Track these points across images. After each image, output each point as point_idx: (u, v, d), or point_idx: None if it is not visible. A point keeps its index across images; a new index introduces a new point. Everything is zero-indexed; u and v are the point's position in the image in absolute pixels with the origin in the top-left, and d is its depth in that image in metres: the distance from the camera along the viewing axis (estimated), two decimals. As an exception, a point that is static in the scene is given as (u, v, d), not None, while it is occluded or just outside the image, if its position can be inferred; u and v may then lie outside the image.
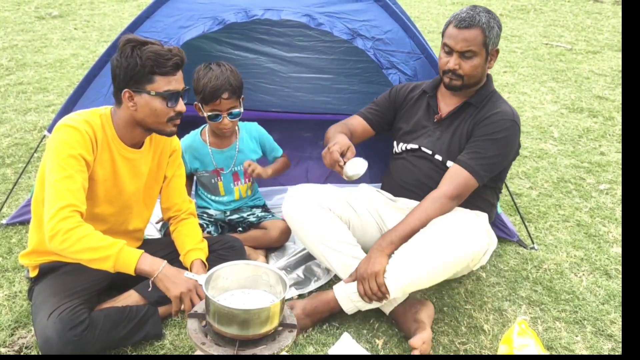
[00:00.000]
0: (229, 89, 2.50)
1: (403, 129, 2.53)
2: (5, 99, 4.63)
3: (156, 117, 2.04)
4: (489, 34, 2.27)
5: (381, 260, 2.14)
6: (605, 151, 4.00)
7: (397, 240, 2.19)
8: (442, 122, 2.44)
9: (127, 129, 2.10)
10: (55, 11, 7.69)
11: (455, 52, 2.29)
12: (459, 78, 2.33)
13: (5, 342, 2.13)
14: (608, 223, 3.10)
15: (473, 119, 2.37)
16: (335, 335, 2.22)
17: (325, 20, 2.76)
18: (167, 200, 2.35)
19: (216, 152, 2.70)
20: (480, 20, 2.26)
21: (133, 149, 2.15)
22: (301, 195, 2.37)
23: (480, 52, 2.29)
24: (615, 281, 2.62)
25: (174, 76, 2.02)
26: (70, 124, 1.99)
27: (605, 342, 2.25)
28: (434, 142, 2.42)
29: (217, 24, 2.74)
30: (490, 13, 2.32)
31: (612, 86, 5.38)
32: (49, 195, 1.93)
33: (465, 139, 2.36)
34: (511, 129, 2.31)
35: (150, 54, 1.96)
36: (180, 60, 2.02)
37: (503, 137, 2.30)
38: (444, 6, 8.76)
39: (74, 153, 1.96)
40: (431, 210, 2.22)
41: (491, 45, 2.31)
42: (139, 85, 2.00)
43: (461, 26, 2.26)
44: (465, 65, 2.30)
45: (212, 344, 1.67)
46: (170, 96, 2.02)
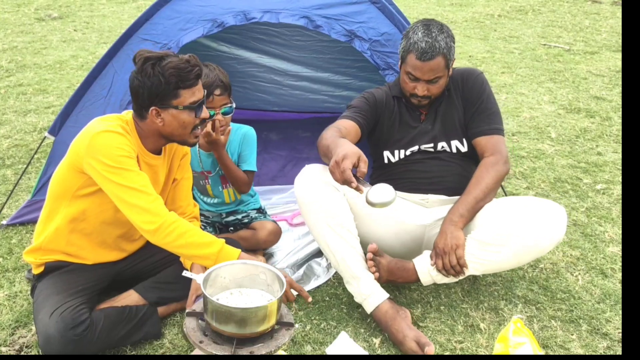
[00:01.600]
0: (220, 86, 2.51)
1: (395, 137, 2.53)
2: (5, 101, 4.65)
3: (183, 129, 2.06)
4: (449, 55, 2.36)
5: (458, 234, 2.23)
6: (602, 151, 4.02)
7: (466, 213, 2.28)
8: (428, 116, 2.51)
9: (151, 139, 2.11)
10: (54, 13, 7.71)
11: (422, 80, 2.37)
12: (427, 99, 2.43)
13: (6, 342, 2.15)
14: (604, 223, 3.12)
15: (455, 91, 2.49)
16: (333, 334, 2.24)
17: (323, 23, 2.79)
18: (173, 202, 2.34)
19: (203, 155, 2.72)
20: (440, 47, 2.31)
21: (155, 155, 2.17)
22: (313, 174, 2.33)
23: (444, 74, 2.39)
24: (611, 280, 2.64)
25: (196, 87, 2.03)
26: (111, 130, 1.97)
27: (600, 341, 2.27)
28: (431, 136, 2.49)
29: (216, 27, 2.77)
30: (444, 32, 2.36)
31: (609, 87, 5.40)
32: (130, 198, 1.93)
33: (460, 108, 2.48)
34: (484, 78, 2.50)
35: (172, 70, 1.95)
36: (200, 70, 2.03)
37: (488, 88, 2.48)
38: (442, 7, 8.78)
39: (127, 154, 1.97)
40: (489, 179, 2.33)
41: (451, 61, 2.40)
42: (164, 101, 2.00)
43: (425, 59, 2.31)
44: (433, 89, 2.40)
45: (210, 343, 1.69)
46: (197, 107, 2.05)
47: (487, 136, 2.42)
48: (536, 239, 2.21)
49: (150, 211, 1.93)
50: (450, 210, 2.32)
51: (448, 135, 2.49)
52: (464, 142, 2.50)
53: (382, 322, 2.23)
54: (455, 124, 2.49)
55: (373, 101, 2.54)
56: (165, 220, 1.94)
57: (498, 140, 2.42)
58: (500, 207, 2.32)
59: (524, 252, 2.23)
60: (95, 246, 2.19)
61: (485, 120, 2.44)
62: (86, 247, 2.17)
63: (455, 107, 2.49)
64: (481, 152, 2.43)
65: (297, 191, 2.34)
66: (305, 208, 2.31)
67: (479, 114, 2.45)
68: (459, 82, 2.49)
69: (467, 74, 2.49)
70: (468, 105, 2.47)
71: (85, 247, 2.17)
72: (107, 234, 2.18)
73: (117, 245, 2.25)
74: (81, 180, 2.02)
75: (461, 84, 2.49)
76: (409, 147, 2.51)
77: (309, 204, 2.29)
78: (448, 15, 8.29)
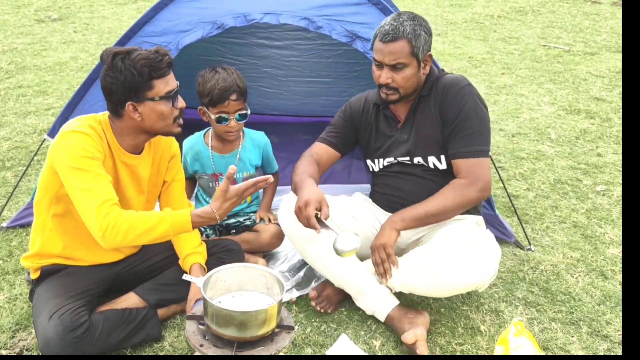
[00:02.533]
0: (237, 91, 2.52)
1: (372, 146, 2.48)
2: (5, 102, 4.65)
3: (164, 120, 2.05)
4: (416, 42, 2.22)
5: (390, 233, 2.22)
6: (602, 152, 4.02)
7: (408, 219, 2.24)
8: (405, 125, 2.40)
9: (129, 137, 2.10)
10: (54, 14, 7.71)
11: (385, 65, 2.26)
12: (394, 92, 2.29)
13: (6, 345, 2.15)
14: (604, 224, 3.12)
15: (434, 104, 2.31)
16: (333, 336, 2.24)
17: (324, 24, 2.78)
18: (166, 204, 2.35)
19: (217, 157, 2.72)
20: (404, 30, 2.20)
21: (133, 155, 2.15)
22: (292, 205, 2.34)
23: (410, 63, 2.24)
24: (612, 282, 2.64)
25: (168, 76, 2.03)
26: (77, 130, 1.97)
27: (601, 343, 2.27)
28: (407, 148, 2.37)
29: (217, 29, 2.77)
30: (416, 19, 2.26)
31: (609, 87, 5.41)
32: (81, 201, 1.91)
33: (438, 124, 2.30)
34: (469, 91, 2.28)
35: (143, 61, 1.95)
36: (170, 58, 2.03)
37: (470, 103, 2.26)
38: (442, 8, 8.78)
39: (89, 155, 1.95)
40: (451, 200, 2.23)
41: (421, 53, 2.24)
42: (139, 94, 1.99)
43: (386, 40, 2.22)
44: (397, 77, 2.26)
45: (211, 346, 1.69)
46: (172, 96, 2.04)
47: (463, 159, 2.25)
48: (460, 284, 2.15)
49: (95, 217, 1.89)
50: (396, 212, 2.29)
51: (424, 150, 2.35)
52: (441, 159, 2.33)
53: (395, 328, 2.25)
54: (431, 138, 2.33)
55: (349, 113, 2.51)
56: (108, 223, 1.89)
57: (475, 163, 2.23)
58: (441, 236, 2.23)
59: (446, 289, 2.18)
60: (90, 247, 2.18)
61: (461, 141, 2.25)
62: (81, 248, 2.17)
63: (433, 120, 2.32)
64: (456, 175, 2.28)
65: (281, 225, 2.43)
66: (292, 239, 2.39)
67: (455, 133, 2.26)
68: (440, 92, 2.31)
69: (449, 85, 2.30)
70: (446, 122, 2.29)
71: (80, 248, 2.17)
72: None
73: None
74: (59, 180, 2.01)
75: (441, 95, 2.30)
76: (385, 156, 2.44)
77: (295, 235, 2.35)
78: (448, 16, 8.29)
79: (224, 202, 1.91)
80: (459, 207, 2.24)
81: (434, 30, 7.33)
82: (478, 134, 2.25)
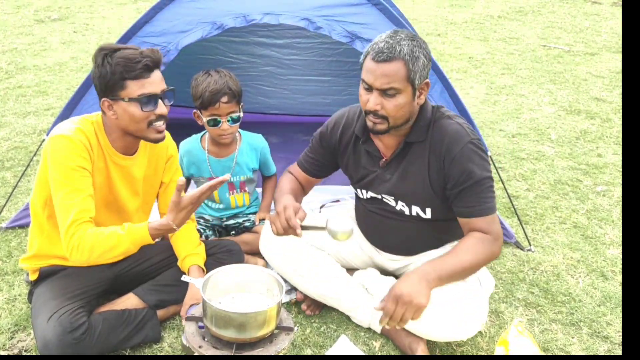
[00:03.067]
0: (228, 93, 2.51)
1: (354, 177, 2.29)
2: (5, 103, 4.65)
3: (136, 124, 2.00)
4: (413, 66, 1.92)
5: (428, 293, 1.93)
6: (602, 153, 4.02)
7: (445, 277, 1.99)
8: (390, 165, 2.16)
9: (117, 136, 2.09)
10: (54, 14, 7.71)
11: (375, 89, 1.95)
12: (383, 120, 1.99)
13: (5, 345, 2.14)
14: (605, 225, 3.12)
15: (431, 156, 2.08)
16: (333, 337, 2.24)
17: (324, 24, 2.78)
18: (165, 206, 2.33)
19: (213, 161, 2.71)
20: (401, 50, 1.91)
21: (125, 156, 2.14)
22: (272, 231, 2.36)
23: (404, 89, 1.94)
24: (612, 283, 2.63)
25: (146, 79, 1.96)
26: (65, 135, 1.97)
27: (601, 344, 2.26)
28: (391, 188, 2.18)
29: (216, 29, 2.76)
30: (415, 40, 1.97)
31: (609, 88, 5.40)
32: (59, 213, 1.94)
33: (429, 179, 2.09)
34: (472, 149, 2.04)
35: (119, 59, 1.93)
36: (151, 61, 1.96)
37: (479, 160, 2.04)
38: (442, 8, 8.78)
39: (74, 165, 1.95)
40: (482, 256, 2.03)
41: (418, 79, 1.95)
42: (113, 93, 1.97)
43: (379, 59, 1.91)
44: (387, 105, 1.96)
45: (210, 347, 1.68)
46: (146, 100, 1.97)
47: (480, 217, 2.05)
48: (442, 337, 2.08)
49: (64, 236, 1.91)
50: (432, 265, 2.00)
51: (408, 199, 2.17)
52: (426, 211, 2.17)
53: (392, 340, 2.23)
54: (417, 193, 2.13)
55: (327, 140, 2.30)
56: (73, 245, 1.90)
57: (491, 220, 2.06)
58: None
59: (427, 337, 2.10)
60: None
61: (475, 199, 2.04)
62: None
63: (424, 173, 2.10)
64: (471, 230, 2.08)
65: (262, 249, 2.40)
66: (273, 263, 2.37)
67: (466, 192, 2.04)
68: (439, 145, 2.06)
69: (451, 142, 2.03)
70: (450, 180, 2.05)
71: None
72: None
73: None
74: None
75: (441, 150, 2.05)
76: (369, 189, 2.25)
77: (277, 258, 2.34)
78: (448, 16, 8.29)
79: (178, 213, 1.87)
80: (486, 263, 2.09)
81: (433, 32, 7.40)
82: (488, 190, 2.06)
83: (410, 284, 1.91)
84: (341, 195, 3.24)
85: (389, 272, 2.40)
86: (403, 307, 1.88)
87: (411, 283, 1.92)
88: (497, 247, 2.07)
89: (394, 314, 1.90)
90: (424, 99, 2.06)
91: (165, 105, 2.03)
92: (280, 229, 1.99)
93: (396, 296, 1.89)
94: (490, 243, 2.05)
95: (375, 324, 2.25)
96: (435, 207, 2.16)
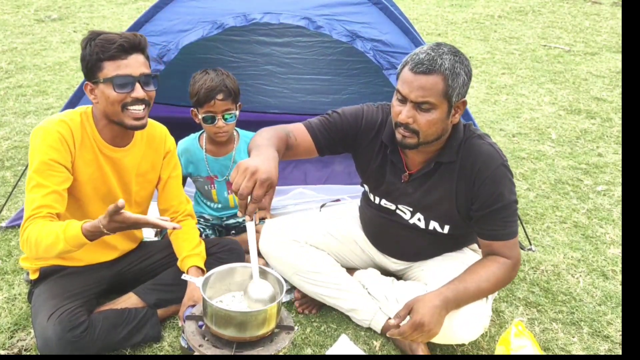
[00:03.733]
0: (223, 90, 2.51)
1: (371, 182, 2.22)
2: (5, 102, 4.64)
3: (112, 106, 1.97)
4: (453, 82, 1.85)
5: (443, 321, 1.90)
6: (602, 152, 4.01)
7: (463, 304, 1.96)
8: (413, 181, 2.10)
9: (105, 126, 2.07)
10: (54, 14, 7.70)
11: (409, 101, 1.87)
12: (413, 134, 1.91)
13: (5, 345, 2.14)
14: (605, 224, 3.12)
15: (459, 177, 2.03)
16: (333, 337, 2.24)
17: (324, 23, 2.77)
18: (164, 201, 2.34)
19: (211, 160, 2.71)
20: (442, 64, 1.83)
21: (116, 148, 2.12)
22: (276, 231, 2.34)
23: (440, 105, 1.86)
24: (612, 282, 2.63)
25: (123, 60, 1.93)
26: (42, 126, 1.97)
27: (601, 343, 2.26)
28: (412, 202, 2.13)
29: (216, 28, 2.75)
30: (458, 55, 1.89)
31: (610, 87, 5.40)
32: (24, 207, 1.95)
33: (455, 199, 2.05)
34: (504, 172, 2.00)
35: (99, 41, 1.92)
36: (126, 42, 1.93)
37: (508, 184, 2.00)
38: (442, 8, 8.77)
39: (45, 159, 1.93)
40: (501, 281, 2.01)
41: (455, 96, 1.88)
42: (93, 75, 1.96)
43: (418, 70, 1.83)
44: (420, 119, 1.88)
45: (210, 346, 1.68)
46: (120, 81, 1.93)
47: (502, 241, 2.02)
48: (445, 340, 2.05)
49: (21, 229, 1.91)
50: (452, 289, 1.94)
51: (428, 215, 2.13)
52: (445, 227, 2.14)
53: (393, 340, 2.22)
54: (440, 211, 2.10)
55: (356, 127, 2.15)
56: (23, 238, 1.88)
57: (513, 245, 2.03)
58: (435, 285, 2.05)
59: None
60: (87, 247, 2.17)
61: (500, 223, 2.00)
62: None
63: (450, 194, 2.05)
64: (491, 253, 2.05)
65: (262, 250, 2.37)
66: (273, 263, 2.34)
67: (492, 216, 2.00)
68: (470, 166, 2.00)
69: (484, 162, 1.98)
70: (478, 201, 2.01)
71: None
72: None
73: (105, 242, 2.21)
74: None
75: (472, 171, 1.99)
76: (386, 198, 2.20)
77: (276, 258, 2.33)
78: (448, 16, 8.28)
79: (110, 221, 1.78)
80: (504, 286, 2.09)
81: (434, 31, 7.39)
82: (513, 214, 2.02)
83: (431, 313, 1.86)
84: (341, 195, 3.23)
85: (390, 273, 2.40)
86: (420, 333, 1.86)
87: (432, 312, 1.86)
88: (515, 273, 2.05)
89: (408, 336, 1.88)
90: (458, 118, 1.98)
91: (144, 90, 1.98)
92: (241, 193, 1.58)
93: (416, 324, 1.85)
94: (511, 270, 2.02)
95: (375, 324, 2.24)
96: (455, 225, 2.14)
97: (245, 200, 1.59)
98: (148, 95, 2.00)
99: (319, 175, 3.47)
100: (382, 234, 2.32)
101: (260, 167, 1.60)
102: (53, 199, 1.92)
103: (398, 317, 1.90)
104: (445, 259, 2.24)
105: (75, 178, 2.03)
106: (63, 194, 1.97)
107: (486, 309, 2.07)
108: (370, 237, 2.39)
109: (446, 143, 2.02)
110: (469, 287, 1.95)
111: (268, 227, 2.37)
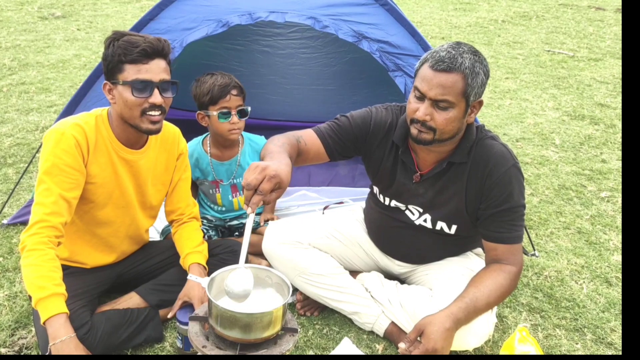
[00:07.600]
0: (236, 86, 2.55)
1: (382, 183, 2.21)
2: (8, 99, 4.63)
3: (129, 110, 1.97)
4: (472, 81, 1.85)
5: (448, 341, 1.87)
6: (606, 159, 4.00)
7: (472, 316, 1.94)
8: (424, 182, 2.11)
9: (120, 128, 2.06)
10: (58, 12, 7.70)
11: (427, 99, 1.88)
12: (429, 131, 1.92)
13: (6, 343, 2.13)
14: (609, 231, 3.10)
15: (470, 177, 2.03)
16: (336, 339, 2.22)
17: (330, 23, 2.75)
18: (172, 203, 2.33)
19: (216, 164, 2.70)
20: (462, 63, 1.83)
21: (131, 150, 2.11)
22: (279, 233, 2.33)
23: (458, 103, 1.87)
24: (616, 289, 2.62)
25: (144, 64, 1.93)
26: (57, 128, 1.96)
27: (605, 350, 2.25)
28: (423, 202, 2.14)
29: (221, 26, 2.74)
30: (478, 55, 1.89)
31: (613, 94, 5.39)
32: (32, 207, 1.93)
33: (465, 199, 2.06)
34: (515, 174, 2.00)
35: (122, 42, 1.92)
36: (150, 47, 1.92)
37: (518, 187, 2.01)
38: (446, 12, 8.78)
39: (57, 162, 1.92)
40: (507, 290, 2.00)
41: (473, 95, 1.88)
42: (113, 76, 1.96)
43: (438, 68, 1.84)
44: (438, 117, 1.88)
45: (214, 347, 1.66)
46: (140, 85, 1.93)
47: (507, 245, 2.02)
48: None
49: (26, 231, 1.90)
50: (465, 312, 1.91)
51: (436, 215, 2.13)
52: (452, 227, 2.15)
53: (395, 342, 2.21)
54: (451, 212, 2.10)
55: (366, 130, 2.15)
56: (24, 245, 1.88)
57: (517, 249, 2.03)
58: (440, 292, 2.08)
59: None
60: (92, 251, 2.16)
61: (506, 226, 2.00)
62: (83, 253, 2.15)
63: (461, 194, 2.06)
64: (495, 257, 2.05)
65: (265, 251, 2.34)
66: (276, 264, 2.31)
67: (499, 217, 2.00)
68: (482, 167, 2.00)
69: (497, 163, 1.99)
70: (486, 200, 2.01)
71: (83, 253, 2.15)
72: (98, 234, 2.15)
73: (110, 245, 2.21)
74: None
75: (484, 171, 2.00)
76: (396, 199, 2.20)
77: (279, 260, 2.30)
78: (452, 20, 8.28)
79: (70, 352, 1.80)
80: (509, 295, 2.08)
81: (437, 35, 7.38)
82: (520, 218, 2.03)
83: (444, 338, 1.84)
84: (345, 198, 3.22)
85: (394, 276, 2.38)
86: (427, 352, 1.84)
87: (445, 337, 1.84)
88: (518, 279, 2.04)
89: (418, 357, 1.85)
90: (473, 118, 1.99)
91: (162, 96, 1.98)
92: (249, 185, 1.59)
93: (429, 351, 1.82)
94: (516, 278, 2.02)
95: (378, 327, 2.23)
96: (462, 225, 2.14)
97: (252, 191, 1.59)
98: (165, 102, 2.00)
99: (323, 178, 3.46)
100: (387, 235, 2.31)
101: (272, 166, 1.63)
102: (60, 207, 1.92)
103: (408, 341, 1.87)
104: (450, 263, 2.23)
105: (88, 182, 2.02)
106: (71, 201, 1.96)
107: (491, 316, 2.06)
108: (375, 238, 2.38)
109: (459, 143, 2.03)
110: (478, 305, 1.94)
111: (271, 229, 2.36)
